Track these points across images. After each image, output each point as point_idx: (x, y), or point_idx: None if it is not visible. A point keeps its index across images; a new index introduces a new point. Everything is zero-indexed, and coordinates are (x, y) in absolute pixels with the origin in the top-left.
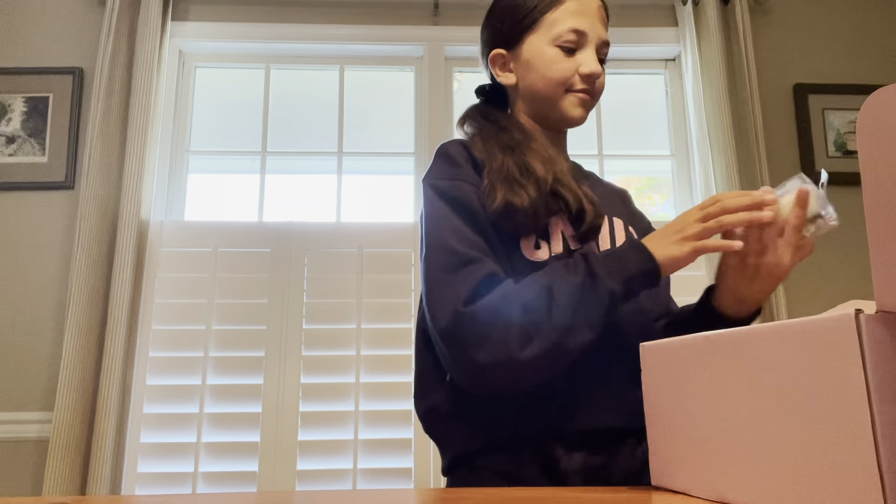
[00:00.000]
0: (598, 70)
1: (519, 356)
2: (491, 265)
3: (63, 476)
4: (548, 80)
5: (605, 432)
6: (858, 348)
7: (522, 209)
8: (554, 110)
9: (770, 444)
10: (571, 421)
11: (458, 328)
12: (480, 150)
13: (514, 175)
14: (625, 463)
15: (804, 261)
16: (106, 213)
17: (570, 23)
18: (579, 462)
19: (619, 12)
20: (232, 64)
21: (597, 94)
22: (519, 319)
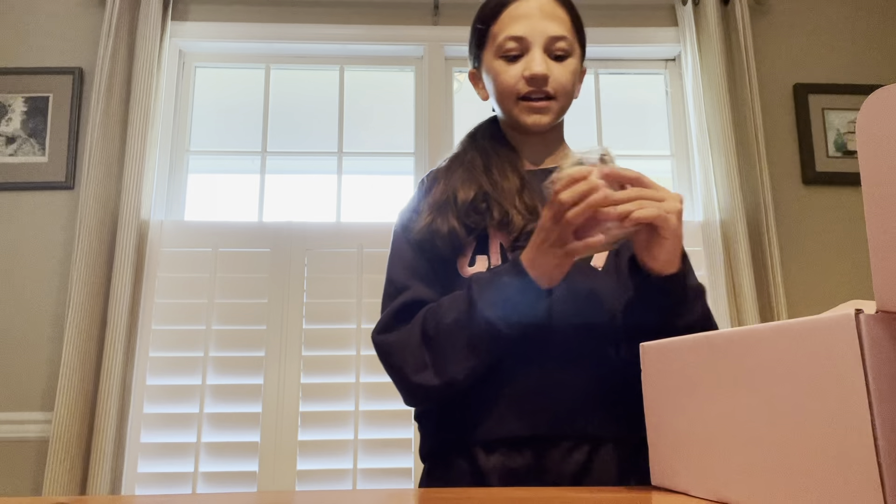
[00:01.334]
0: (539, 71)
1: (415, 381)
2: (418, 292)
3: (63, 476)
4: (498, 92)
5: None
6: (858, 348)
7: (440, 234)
8: (512, 120)
9: (770, 443)
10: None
11: (377, 353)
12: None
13: (439, 202)
14: (555, 467)
15: (804, 261)
16: (106, 213)
17: (507, 31)
18: (498, 465)
19: (619, 12)
20: (232, 64)
21: (557, 93)
22: (414, 350)
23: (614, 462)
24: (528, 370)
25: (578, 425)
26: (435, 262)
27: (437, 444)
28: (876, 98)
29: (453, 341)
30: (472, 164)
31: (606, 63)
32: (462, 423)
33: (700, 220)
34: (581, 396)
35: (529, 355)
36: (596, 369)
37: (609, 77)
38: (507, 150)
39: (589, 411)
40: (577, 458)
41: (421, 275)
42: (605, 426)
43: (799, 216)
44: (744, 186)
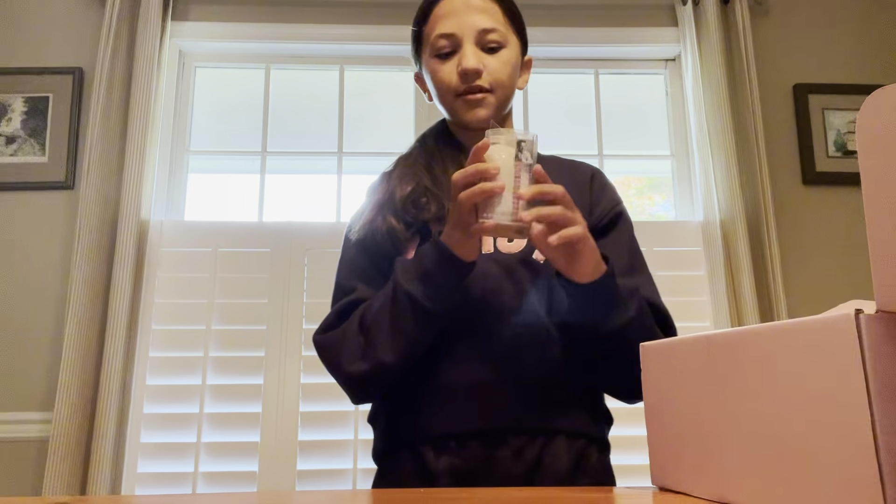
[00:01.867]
0: (470, 65)
1: (348, 370)
2: (361, 292)
3: (63, 476)
4: (437, 92)
5: (475, 435)
6: (858, 348)
7: (380, 232)
8: (454, 117)
9: (770, 444)
10: (437, 426)
11: (317, 352)
12: (385, 177)
13: (380, 201)
14: (503, 465)
15: (804, 261)
16: (106, 213)
17: (437, 30)
18: (446, 464)
19: (619, 12)
20: (232, 64)
21: (493, 85)
22: (350, 342)
23: (566, 458)
24: (473, 365)
25: (528, 420)
26: (379, 261)
27: (386, 444)
28: (876, 98)
29: (380, 324)
30: (414, 162)
31: (606, 63)
32: (410, 423)
33: (700, 220)
34: (529, 391)
35: (474, 350)
36: (542, 364)
37: (609, 77)
38: (452, 148)
39: (538, 406)
40: (527, 455)
41: (365, 275)
42: (554, 421)
43: (799, 216)
44: (744, 186)
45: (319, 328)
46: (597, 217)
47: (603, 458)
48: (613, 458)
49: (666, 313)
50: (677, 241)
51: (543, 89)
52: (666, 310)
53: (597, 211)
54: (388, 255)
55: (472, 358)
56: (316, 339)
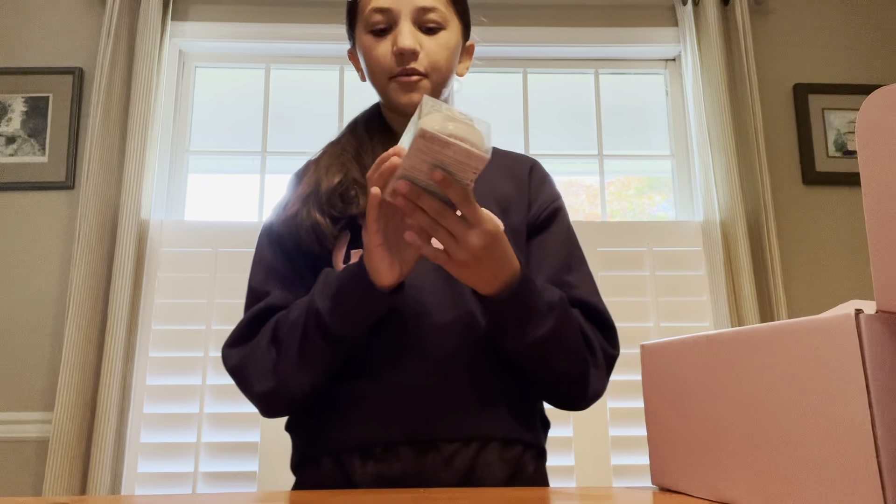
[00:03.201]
0: (406, 45)
1: (256, 391)
2: (275, 298)
3: (63, 476)
4: (370, 70)
5: (404, 442)
6: (858, 348)
7: (304, 228)
8: (386, 99)
9: (770, 444)
10: (363, 433)
11: (225, 367)
12: (310, 167)
13: (304, 193)
14: (433, 472)
15: (804, 261)
16: (106, 213)
17: (373, 3)
18: (371, 472)
19: (619, 12)
20: (232, 64)
21: (429, 69)
22: (260, 359)
23: (499, 466)
24: (402, 371)
25: (460, 427)
26: (299, 261)
27: (307, 453)
28: (876, 98)
29: (290, 342)
30: (342, 151)
31: (606, 63)
32: (333, 430)
33: (700, 220)
34: (461, 397)
35: (402, 356)
36: (475, 370)
37: (609, 77)
38: (384, 135)
39: (470, 412)
40: (459, 462)
41: (281, 278)
42: (488, 428)
43: (799, 216)
44: (744, 186)
45: (228, 340)
46: (535, 212)
47: (540, 467)
48: (614, 458)
49: (604, 314)
50: (677, 241)
51: (543, 89)
52: (605, 310)
53: (535, 206)
54: (311, 254)
55: (400, 364)
56: (224, 352)
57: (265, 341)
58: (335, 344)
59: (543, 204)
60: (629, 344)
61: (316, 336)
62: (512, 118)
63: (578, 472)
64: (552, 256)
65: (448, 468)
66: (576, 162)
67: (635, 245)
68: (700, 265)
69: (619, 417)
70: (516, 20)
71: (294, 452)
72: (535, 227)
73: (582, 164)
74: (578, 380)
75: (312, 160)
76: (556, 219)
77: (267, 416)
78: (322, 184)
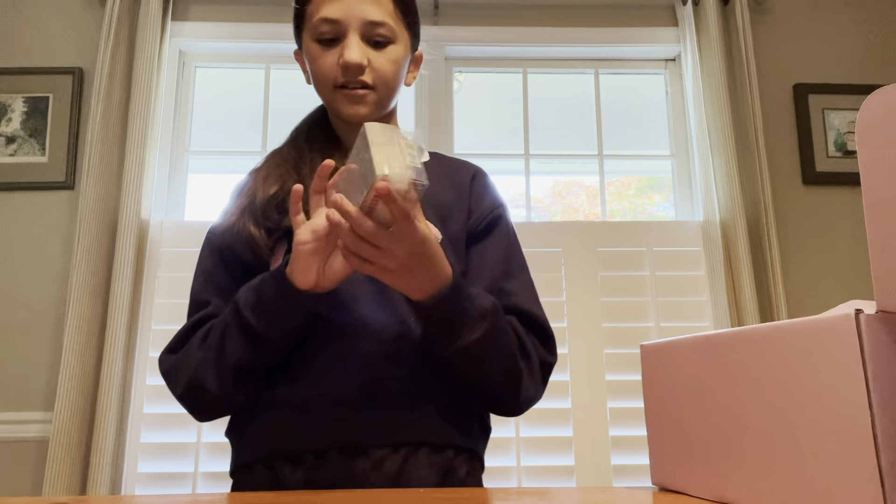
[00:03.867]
0: (353, 59)
1: (180, 395)
2: (213, 308)
3: (63, 476)
4: (315, 78)
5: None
6: (858, 348)
7: (240, 239)
8: (334, 109)
9: (770, 444)
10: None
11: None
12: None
13: (243, 203)
14: (362, 478)
15: (804, 261)
16: (106, 213)
17: (321, 12)
18: (301, 478)
19: (619, 12)
20: (232, 64)
21: (376, 82)
22: (185, 364)
23: (428, 470)
24: (331, 378)
25: (389, 432)
26: (237, 272)
27: (241, 459)
28: (876, 98)
29: (212, 340)
30: (282, 161)
31: (606, 63)
32: (265, 437)
33: (700, 220)
34: (391, 403)
35: (332, 362)
36: (402, 376)
37: (609, 77)
38: (326, 143)
39: (401, 418)
40: (388, 467)
41: (220, 288)
42: (418, 433)
43: (799, 216)
44: (744, 186)
45: (166, 347)
46: (474, 220)
47: (473, 471)
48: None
49: (542, 321)
50: (677, 241)
51: (543, 89)
52: (542, 318)
53: (475, 214)
54: (249, 266)
55: (330, 371)
56: (160, 357)
57: (196, 345)
58: (254, 341)
59: (484, 212)
60: (629, 344)
61: (234, 331)
62: (512, 118)
63: (578, 472)
64: (491, 264)
65: (377, 473)
66: (576, 162)
67: (635, 245)
68: (700, 265)
69: (619, 417)
70: (516, 20)
71: (232, 458)
72: (475, 236)
73: (582, 164)
74: (510, 386)
75: (256, 169)
76: (497, 227)
77: (198, 419)
78: (258, 195)
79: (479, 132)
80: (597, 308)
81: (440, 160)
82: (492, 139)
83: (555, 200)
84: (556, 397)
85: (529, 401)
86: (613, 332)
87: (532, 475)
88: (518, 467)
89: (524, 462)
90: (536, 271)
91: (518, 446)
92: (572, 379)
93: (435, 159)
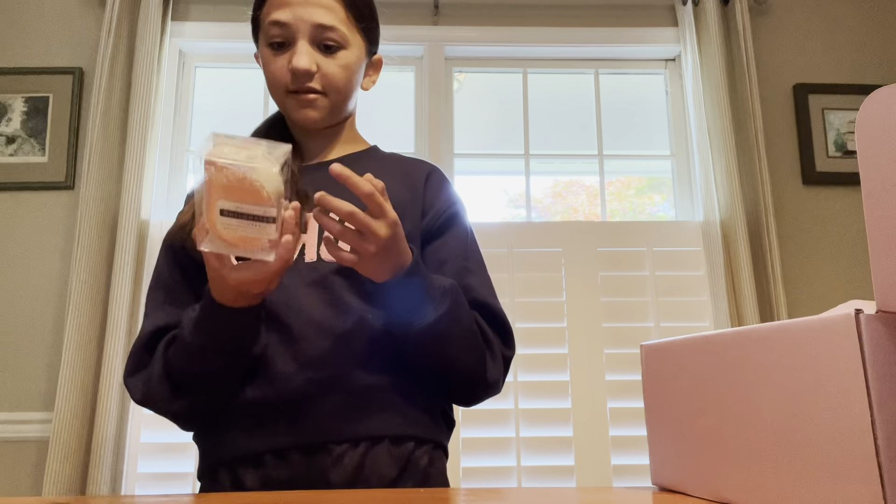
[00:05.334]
0: (300, 65)
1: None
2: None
3: (63, 476)
4: (268, 82)
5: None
6: (858, 348)
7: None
8: (285, 113)
9: (770, 443)
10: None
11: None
12: None
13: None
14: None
15: (804, 261)
16: (106, 213)
17: (271, 15)
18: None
19: (619, 12)
20: (232, 64)
21: (326, 88)
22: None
23: (388, 461)
24: (287, 378)
25: (348, 428)
26: (190, 269)
27: (206, 463)
28: (876, 98)
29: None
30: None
31: (606, 63)
32: (225, 440)
33: (700, 220)
34: (348, 398)
35: (286, 362)
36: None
37: (609, 77)
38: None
39: (358, 413)
40: (347, 462)
41: (174, 293)
42: (377, 426)
43: (799, 216)
44: (744, 186)
45: (127, 369)
46: (430, 219)
47: (436, 461)
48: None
49: (500, 315)
50: (677, 241)
51: (543, 89)
52: (501, 312)
53: (430, 213)
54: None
55: (284, 371)
56: (127, 383)
57: (158, 368)
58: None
59: (439, 210)
60: (629, 344)
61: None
62: (512, 118)
63: (578, 472)
64: (448, 261)
65: (336, 469)
66: (576, 162)
67: (635, 245)
68: (700, 265)
69: (619, 417)
70: (516, 20)
71: (199, 462)
72: (431, 234)
73: (582, 164)
74: (477, 364)
75: None
76: (453, 225)
77: (187, 430)
78: None
79: (479, 132)
80: (597, 308)
81: (397, 160)
82: (492, 139)
83: (555, 200)
84: (556, 397)
85: (495, 383)
86: (613, 332)
87: (532, 475)
88: (518, 467)
89: (524, 462)
90: (536, 271)
91: (518, 446)
92: (572, 379)
93: (392, 159)
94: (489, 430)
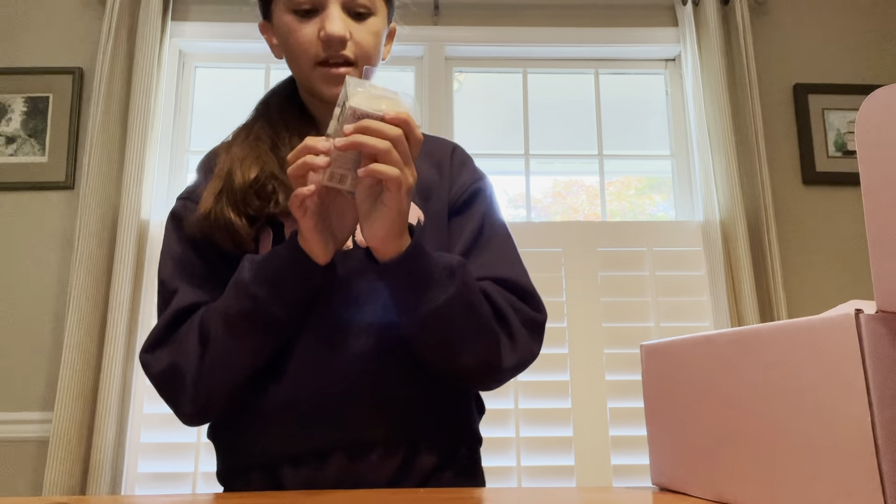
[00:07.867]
0: (336, 31)
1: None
2: (189, 297)
3: (63, 476)
4: (291, 53)
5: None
6: (858, 348)
7: (218, 228)
8: (311, 88)
9: (770, 444)
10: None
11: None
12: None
13: (218, 189)
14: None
15: (804, 261)
16: (106, 213)
17: None
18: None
19: (619, 12)
20: (232, 64)
21: (358, 57)
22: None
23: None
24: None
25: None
26: (214, 260)
27: (233, 463)
28: (876, 98)
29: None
30: (257, 141)
31: (606, 63)
32: (262, 442)
33: (700, 220)
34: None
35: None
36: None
37: (609, 77)
38: (301, 121)
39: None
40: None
41: (193, 274)
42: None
43: (799, 216)
44: (744, 186)
45: (147, 344)
46: (454, 194)
47: (472, 454)
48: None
49: (520, 282)
50: (677, 241)
51: (543, 89)
52: (520, 279)
53: (455, 188)
54: (228, 254)
55: (326, 370)
56: (144, 358)
57: (192, 346)
58: (270, 330)
59: (463, 186)
60: (629, 344)
61: (251, 324)
62: (512, 118)
63: (578, 472)
64: (468, 235)
65: (379, 470)
66: (576, 162)
67: (635, 245)
68: (700, 265)
69: (619, 417)
70: (516, 20)
71: (220, 462)
72: (455, 209)
73: (582, 164)
74: (486, 351)
75: (222, 146)
76: (476, 200)
77: (196, 423)
78: (236, 179)
79: (479, 132)
80: (597, 308)
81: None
82: (492, 139)
83: (555, 200)
84: (556, 397)
85: (512, 369)
86: (613, 332)
87: (532, 475)
88: (518, 467)
89: (524, 462)
90: (536, 271)
91: (518, 446)
92: (572, 379)
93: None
94: (489, 430)
